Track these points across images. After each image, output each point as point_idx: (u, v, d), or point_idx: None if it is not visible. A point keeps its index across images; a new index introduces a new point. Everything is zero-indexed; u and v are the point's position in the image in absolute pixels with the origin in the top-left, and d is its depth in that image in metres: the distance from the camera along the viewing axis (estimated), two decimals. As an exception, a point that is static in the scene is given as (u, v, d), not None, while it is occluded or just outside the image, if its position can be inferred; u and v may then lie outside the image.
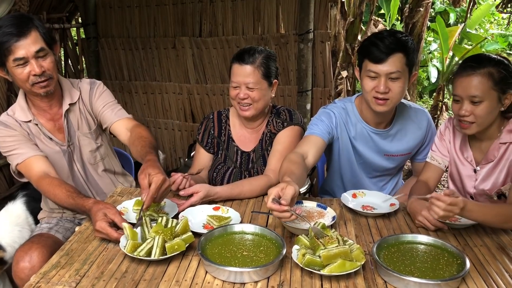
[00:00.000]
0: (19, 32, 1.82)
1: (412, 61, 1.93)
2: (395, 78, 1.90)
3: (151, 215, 1.69)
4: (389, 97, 1.92)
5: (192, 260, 1.49)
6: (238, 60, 2.06)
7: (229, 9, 3.91)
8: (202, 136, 2.27)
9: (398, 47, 1.88)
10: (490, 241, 1.64)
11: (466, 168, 1.96)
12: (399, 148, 2.18)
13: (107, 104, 2.13)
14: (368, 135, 2.14)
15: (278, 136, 2.15)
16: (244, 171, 2.20)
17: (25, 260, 1.81)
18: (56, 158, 2.07)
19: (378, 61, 1.88)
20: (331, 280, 1.37)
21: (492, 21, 9.93)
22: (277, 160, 2.05)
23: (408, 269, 1.39)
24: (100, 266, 1.45)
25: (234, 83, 2.07)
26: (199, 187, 1.87)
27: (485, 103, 1.76)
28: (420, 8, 5.25)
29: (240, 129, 2.24)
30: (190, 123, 4.37)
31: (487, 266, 1.47)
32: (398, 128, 2.16)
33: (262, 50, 2.10)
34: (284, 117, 2.19)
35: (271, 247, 1.51)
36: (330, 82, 3.79)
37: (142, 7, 4.23)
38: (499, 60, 1.78)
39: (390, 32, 1.94)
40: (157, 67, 4.34)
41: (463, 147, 1.97)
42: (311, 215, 1.77)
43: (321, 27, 3.64)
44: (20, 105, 2.03)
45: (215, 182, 2.22)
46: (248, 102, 2.07)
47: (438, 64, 6.35)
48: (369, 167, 2.24)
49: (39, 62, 1.87)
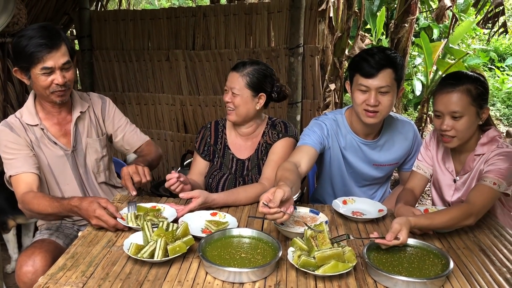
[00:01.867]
0: (52, 44, 1.92)
1: (400, 76, 2.04)
2: (384, 92, 2.01)
3: (152, 220, 1.78)
4: (378, 109, 2.03)
5: (192, 262, 1.56)
6: (233, 68, 2.24)
7: (221, 24, 4.02)
8: (199, 144, 2.36)
9: (388, 63, 1.99)
10: (472, 244, 1.75)
11: (446, 178, 2.08)
12: (387, 158, 2.29)
13: (124, 126, 2.33)
14: (357, 145, 2.25)
15: (273, 147, 2.24)
16: (239, 177, 2.29)
17: (28, 264, 1.87)
18: (59, 162, 2.14)
19: (369, 76, 1.99)
20: (324, 280, 1.46)
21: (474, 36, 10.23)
22: (271, 170, 2.15)
23: (396, 269, 1.49)
24: (105, 268, 1.52)
25: (225, 87, 2.24)
26: (198, 193, 1.95)
27: (465, 118, 1.87)
28: (405, 24, 5.42)
29: (235, 138, 2.33)
30: (182, 134, 4.45)
31: (469, 266, 1.57)
32: (386, 139, 2.26)
33: (256, 62, 2.22)
34: (279, 128, 2.28)
35: (267, 249, 1.60)
36: (320, 94, 3.91)
37: (136, 21, 4.32)
38: (476, 77, 1.91)
39: (380, 49, 2.06)
40: (150, 79, 4.42)
41: (445, 157, 2.08)
42: (304, 220, 1.86)
43: (310, 41, 3.77)
44: (28, 109, 2.11)
45: (210, 188, 2.31)
46: (231, 107, 2.21)
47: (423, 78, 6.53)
48: (359, 176, 2.34)
49: (63, 73, 1.98)
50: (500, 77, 9.33)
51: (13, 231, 3.15)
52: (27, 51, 1.91)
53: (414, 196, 2.07)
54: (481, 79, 1.92)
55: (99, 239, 1.73)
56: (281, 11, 3.80)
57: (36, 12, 4.01)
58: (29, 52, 1.91)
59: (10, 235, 3.13)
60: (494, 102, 8.46)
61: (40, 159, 2.11)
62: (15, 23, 3.28)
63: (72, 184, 2.19)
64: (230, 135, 2.34)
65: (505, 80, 9.19)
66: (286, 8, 3.75)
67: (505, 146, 1.93)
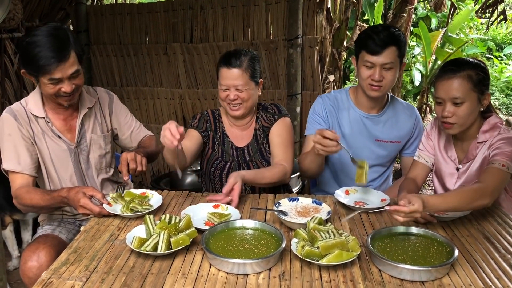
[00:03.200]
0: (60, 57, 1.88)
1: (403, 53, 2.17)
2: (388, 68, 2.14)
3: (135, 207, 1.84)
4: (382, 84, 2.16)
5: (196, 254, 1.56)
6: (226, 64, 2.14)
7: (219, 16, 4.00)
8: (198, 123, 2.30)
9: (392, 41, 2.11)
10: (476, 232, 1.74)
11: (449, 166, 2.06)
12: (390, 134, 2.34)
13: (131, 123, 2.33)
14: (360, 120, 2.33)
15: (273, 129, 2.26)
16: (242, 163, 2.28)
17: (33, 259, 1.86)
18: (62, 156, 2.13)
19: (374, 53, 2.11)
20: (329, 269, 1.45)
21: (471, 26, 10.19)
22: (282, 151, 2.20)
23: (401, 258, 1.48)
24: (108, 262, 1.51)
25: (224, 86, 2.16)
26: (234, 179, 1.94)
27: (466, 104, 1.87)
28: (403, 14, 5.40)
29: (231, 127, 2.32)
30: (182, 128, 4.43)
31: (474, 254, 1.57)
32: (390, 115, 2.35)
33: (246, 52, 2.19)
34: (273, 110, 2.30)
35: (271, 240, 1.59)
36: (319, 85, 3.90)
37: (133, 14, 4.29)
38: (476, 63, 1.91)
39: (384, 27, 2.20)
40: (148, 73, 4.40)
41: (448, 146, 2.07)
42: (307, 210, 1.86)
43: (309, 32, 3.76)
44: (34, 99, 2.09)
45: (213, 177, 2.29)
46: (238, 102, 2.16)
47: (422, 68, 6.51)
48: (360, 154, 2.33)
49: (71, 81, 1.95)
50: (499, 66, 9.30)
51: (10, 227, 3.13)
52: (36, 62, 1.87)
53: (416, 185, 2.06)
54: (481, 65, 1.91)
55: (101, 233, 1.72)
56: (279, 2, 3.77)
57: (32, 7, 3.97)
58: (37, 64, 1.87)
59: (7, 231, 3.12)
60: (493, 91, 8.43)
61: (42, 151, 2.10)
62: (11, 19, 3.26)
63: (73, 179, 2.18)
64: (226, 124, 2.33)
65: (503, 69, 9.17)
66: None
67: (507, 131, 1.92)
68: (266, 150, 2.29)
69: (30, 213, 3.06)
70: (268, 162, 2.28)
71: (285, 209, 1.86)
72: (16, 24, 3.49)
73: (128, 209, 1.84)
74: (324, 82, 4.80)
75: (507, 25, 10.90)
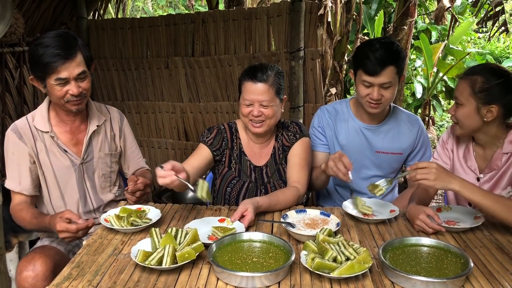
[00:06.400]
0: (67, 55, 1.88)
1: (402, 68, 2.12)
2: (387, 87, 2.08)
3: (135, 221, 1.80)
4: (381, 101, 2.13)
5: (202, 268, 1.51)
6: (251, 78, 2.04)
7: (221, 29, 3.99)
8: (213, 140, 2.17)
9: (390, 60, 2.04)
10: (489, 243, 1.70)
11: (469, 177, 1.98)
12: (391, 145, 2.30)
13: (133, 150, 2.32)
14: (360, 131, 2.30)
15: (293, 149, 2.17)
16: (260, 185, 2.19)
17: (28, 269, 1.83)
18: (66, 174, 2.10)
19: (372, 74, 2.05)
20: (340, 283, 1.41)
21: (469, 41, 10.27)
22: (297, 172, 2.12)
23: (414, 270, 1.44)
24: (112, 277, 1.47)
25: (247, 101, 2.05)
26: (244, 206, 1.83)
27: (464, 107, 1.85)
28: (404, 27, 5.40)
29: (248, 144, 2.21)
30: (183, 142, 4.40)
31: (489, 265, 1.52)
32: (391, 126, 2.31)
33: (272, 67, 2.09)
34: (294, 130, 2.22)
35: (279, 253, 1.55)
36: (321, 98, 3.88)
37: (134, 29, 4.29)
38: (495, 72, 1.82)
39: (382, 44, 2.07)
40: (150, 87, 4.38)
41: (467, 155, 2.01)
42: (315, 222, 1.81)
43: (311, 45, 3.75)
44: (41, 113, 2.08)
45: (229, 197, 2.19)
46: (261, 119, 2.06)
47: (423, 80, 6.51)
48: (360, 165, 2.31)
49: (78, 83, 1.94)
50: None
51: (16, 249, 3.07)
52: (42, 61, 1.87)
53: (428, 195, 2.01)
54: (503, 76, 1.81)
55: (104, 247, 1.67)
56: (280, 15, 3.77)
57: (33, 22, 3.98)
58: (43, 62, 1.87)
59: (12, 253, 3.06)
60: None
61: (46, 168, 2.08)
62: (12, 33, 3.25)
63: (75, 197, 2.14)
64: (244, 140, 2.22)
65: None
66: (286, 12, 3.73)
67: None
68: (284, 171, 2.20)
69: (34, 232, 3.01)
70: (285, 183, 2.18)
71: (292, 221, 1.82)
72: (18, 38, 3.49)
73: (128, 223, 1.79)
74: (326, 95, 4.80)
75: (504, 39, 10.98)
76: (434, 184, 1.70)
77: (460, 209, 1.93)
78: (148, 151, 4.55)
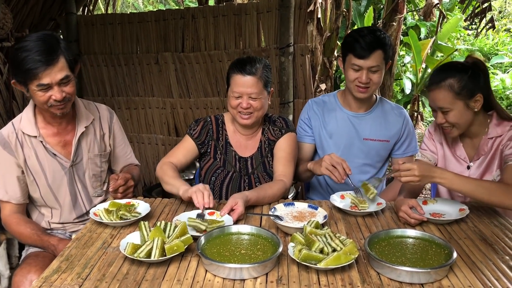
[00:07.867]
0: (48, 60, 1.82)
1: (388, 55, 2.22)
2: (375, 70, 2.20)
3: (124, 215, 1.80)
4: (369, 85, 2.23)
5: (191, 261, 1.53)
6: (240, 71, 2.08)
7: (210, 25, 3.99)
8: (198, 133, 2.23)
9: (378, 45, 2.16)
10: (472, 234, 1.73)
11: (459, 166, 2.06)
12: (378, 133, 2.38)
13: (123, 147, 2.31)
14: (348, 119, 2.39)
15: (279, 143, 2.21)
16: (244, 175, 2.23)
17: (25, 284, 1.83)
18: (57, 177, 2.09)
19: (362, 57, 2.16)
20: (327, 273, 1.43)
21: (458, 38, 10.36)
22: (283, 166, 2.17)
23: (400, 260, 1.47)
24: (101, 269, 1.48)
25: (236, 93, 2.08)
26: (234, 200, 1.85)
27: (454, 111, 1.89)
28: (393, 23, 5.45)
29: (235, 135, 2.26)
30: (174, 137, 4.40)
31: (472, 256, 1.56)
32: (378, 114, 2.40)
33: (260, 60, 2.13)
34: (280, 124, 2.25)
35: (267, 245, 1.57)
36: (311, 93, 3.90)
37: (124, 24, 4.28)
38: (462, 68, 1.89)
39: (370, 30, 2.21)
40: (140, 83, 4.37)
41: (455, 146, 2.08)
42: (303, 215, 1.84)
43: (300, 40, 3.76)
44: (27, 116, 2.04)
45: (214, 186, 2.23)
46: (250, 111, 2.10)
47: (412, 76, 6.57)
48: (348, 152, 2.36)
49: (62, 88, 1.88)
50: (487, 76, 9.41)
51: (4, 245, 3.05)
52: (23, 66, 1.81)
53: (418, 186, 2.05)
54: (468, 68, 1.89)
55: (93, 241, 1.68)
56: (270, 11, 3.78)
57: (22, 17, 3.95)
58: (24, 68, 1.81)
59: (1, 249, 3.04)
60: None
61: (37, 174, 2.05)
62: (0, 28, 3.22)
63: (68, 199, 2.13)
64: (230, 131, 2.27)
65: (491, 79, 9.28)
66: (275, 8, 3.74)
67: None
68: (269, 164, 2.23)
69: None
70: (270, 176, 2.22)
71: (280, 214, 1.84)
72: (6, 33, 3.46)
73: (117, 217, 1.80)
74: (316, 90, 4.83)
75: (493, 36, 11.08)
76: (420, 183, 1.81)
77: (446, 201, 1.97)
78: (138, 147, 4.54)
